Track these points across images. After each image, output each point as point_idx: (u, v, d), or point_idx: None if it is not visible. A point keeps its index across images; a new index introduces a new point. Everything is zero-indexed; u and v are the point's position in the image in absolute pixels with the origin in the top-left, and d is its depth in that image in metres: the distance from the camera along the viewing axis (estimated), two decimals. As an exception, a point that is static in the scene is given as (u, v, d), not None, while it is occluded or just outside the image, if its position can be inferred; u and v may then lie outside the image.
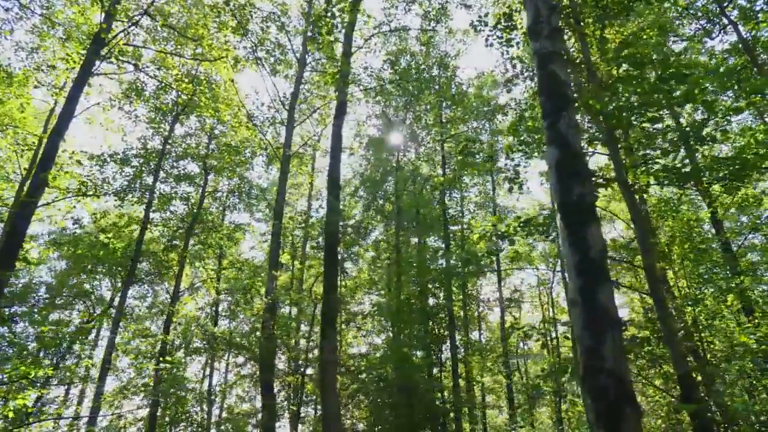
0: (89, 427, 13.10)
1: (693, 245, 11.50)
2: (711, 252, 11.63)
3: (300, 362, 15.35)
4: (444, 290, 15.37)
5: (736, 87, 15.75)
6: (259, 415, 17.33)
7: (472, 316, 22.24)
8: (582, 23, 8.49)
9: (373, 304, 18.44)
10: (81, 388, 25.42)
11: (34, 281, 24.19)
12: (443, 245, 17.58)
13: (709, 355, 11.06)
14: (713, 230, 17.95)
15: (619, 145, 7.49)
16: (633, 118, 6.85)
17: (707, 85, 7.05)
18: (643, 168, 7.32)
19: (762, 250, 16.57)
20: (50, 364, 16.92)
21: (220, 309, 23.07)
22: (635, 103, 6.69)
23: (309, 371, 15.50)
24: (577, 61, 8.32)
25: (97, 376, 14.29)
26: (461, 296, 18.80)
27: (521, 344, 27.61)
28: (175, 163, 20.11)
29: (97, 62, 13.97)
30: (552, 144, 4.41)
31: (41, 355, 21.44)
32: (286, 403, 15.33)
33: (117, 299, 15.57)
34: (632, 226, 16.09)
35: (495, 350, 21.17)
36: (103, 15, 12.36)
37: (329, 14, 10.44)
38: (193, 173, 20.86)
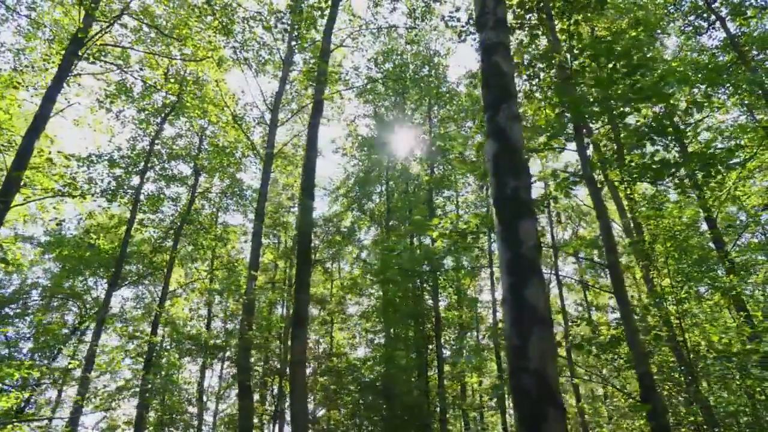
0: (70, 428, 13.04)
1: (676, 243, 11.31)
2: (693, 250, 11.43)
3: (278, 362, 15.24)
4: (430, 290, 15.23)
5: (728, 84, 15.58)
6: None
7: (466, 315, 22.09)
8: (553, 17, 8.37)
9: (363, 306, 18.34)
10: (78, 390, 25.49)
11: (28, 282, 24.28)
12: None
13: (692, 355, 10.86)
14: (706, 228, 17.75)
15: (585, 141, 7.35)
16: (596, 111, 6.73)
17: (674, 81, 6.90)
18: (614, 164, 7.18)
19: (754, 249, 16.35)
20: (39, 366, 16.92)
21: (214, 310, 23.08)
22: (598, 97, 6.55)
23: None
24: (549, 56, 8.18)
25: (78, 377, 14.24)
26: (457, 296, 18.68)
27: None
28: (165, 164, 20.08)
29: (80, 63, 14.07)
30: (491, 137, 4.29)
31: (34, 357, 21.52)
32: (267, 403, 15.22)
33: (107, 301, 15.46)
34: (624, 224, 15.88)
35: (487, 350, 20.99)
36: (83, 15, 12.33)
37: (303, 11, 10.36)
38: (182, 174, 20.85)
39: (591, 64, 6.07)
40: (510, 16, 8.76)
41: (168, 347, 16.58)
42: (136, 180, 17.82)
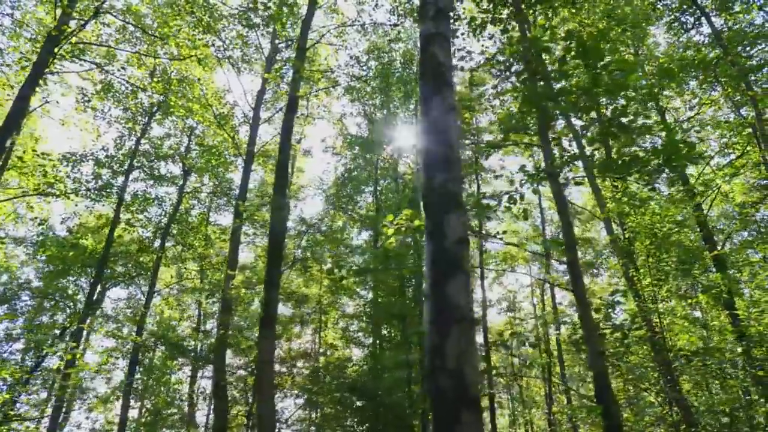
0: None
1: (656, 241, 11.13)
2: (672, 249, 11.25)
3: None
4: (412, 290, 15.09)
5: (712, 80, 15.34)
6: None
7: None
8: (524, 10, 8.22)
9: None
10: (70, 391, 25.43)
11: (20, 282, 24.24)
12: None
13: (671, 354, 10.70)
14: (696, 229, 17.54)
15: (551, 137, 7.20)
16: (564, 106, 6.58)
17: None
18: (574, 161, 7.04)
19: (742, 248, 16.14)
20: (22, 366, 16.88)
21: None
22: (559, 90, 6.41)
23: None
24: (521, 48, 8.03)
25: (58, 378, 14.16)
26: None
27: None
28: (154, 164, 20.01)
29: (64, 63, 14.02)
30: (424, 129, 4.16)
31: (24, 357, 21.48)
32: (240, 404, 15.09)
33: (90, 301, 15.38)
34: (614, 221, 15.69)
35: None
36: (59, 13, 12.26)
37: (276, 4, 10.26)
38: (170, 174, 20.78)
39: (574, 62, 5.93)
40: (476, 10, 8.63)
41: (154, 348, 16.46)
42: (123, 180, 17.71)
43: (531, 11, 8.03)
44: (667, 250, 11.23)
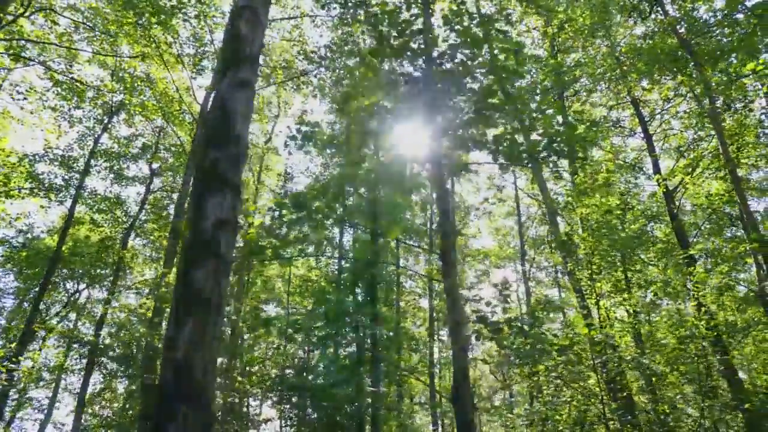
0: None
1: (598, 235, 10.72)
2: (617, 243, 10.83)
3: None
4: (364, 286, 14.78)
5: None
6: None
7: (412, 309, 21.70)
8: None
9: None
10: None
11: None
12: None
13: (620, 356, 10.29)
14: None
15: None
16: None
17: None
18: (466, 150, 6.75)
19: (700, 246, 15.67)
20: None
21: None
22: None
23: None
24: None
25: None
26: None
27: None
28: (119, 163, 19.88)
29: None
30: (212, 105, 3.89)
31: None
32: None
33: (38, 302, 15.23)
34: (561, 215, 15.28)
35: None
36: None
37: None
38: (141, 174, 20.70)
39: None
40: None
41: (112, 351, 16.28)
42: (79, 179, 17.57)
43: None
44: (599, 241, 10.77)
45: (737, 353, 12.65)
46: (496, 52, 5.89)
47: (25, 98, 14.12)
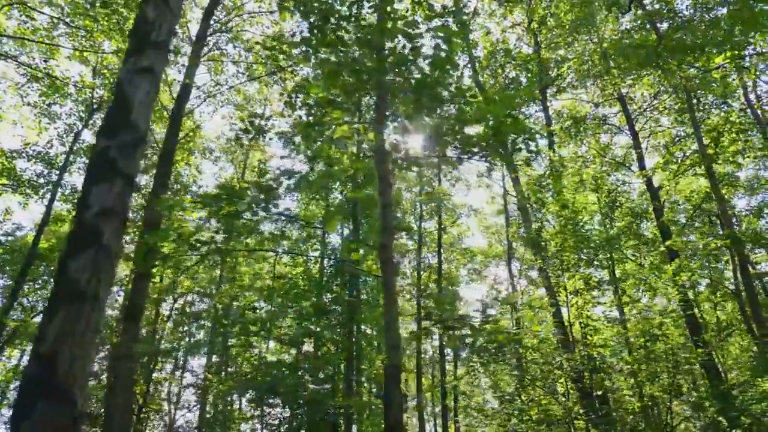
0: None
1: (567, 232, 10.58)
2: (587, 240, 10.69)
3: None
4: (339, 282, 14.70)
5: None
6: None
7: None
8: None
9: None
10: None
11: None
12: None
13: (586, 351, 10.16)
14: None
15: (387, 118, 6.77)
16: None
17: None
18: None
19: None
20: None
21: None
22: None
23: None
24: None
25: None
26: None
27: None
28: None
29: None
30: (115, 94, 3.77)
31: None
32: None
33: (12, 300, 15.15)
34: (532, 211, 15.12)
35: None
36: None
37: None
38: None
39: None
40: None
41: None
42: (58, 175, 17.46)
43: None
44: (582, 241, 10.68)
45: (719, 352, 12.50)
46: (434, 40, 5.76)
47: (4, 92, 13.93)
